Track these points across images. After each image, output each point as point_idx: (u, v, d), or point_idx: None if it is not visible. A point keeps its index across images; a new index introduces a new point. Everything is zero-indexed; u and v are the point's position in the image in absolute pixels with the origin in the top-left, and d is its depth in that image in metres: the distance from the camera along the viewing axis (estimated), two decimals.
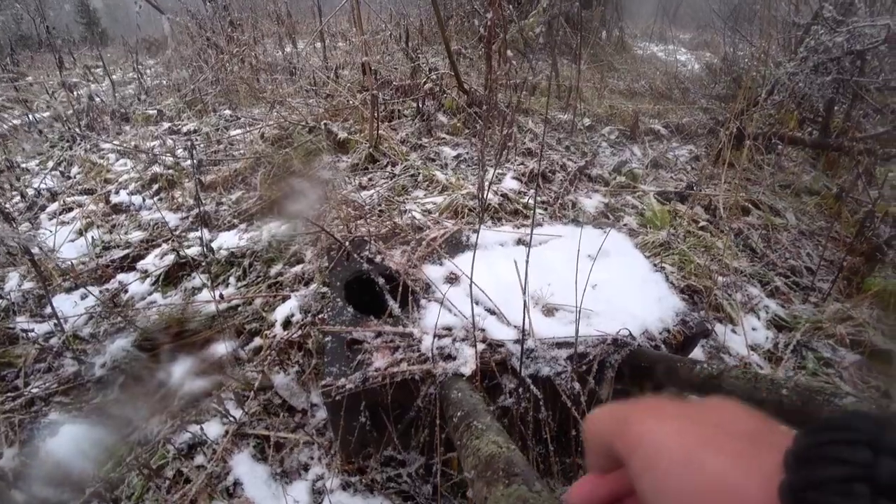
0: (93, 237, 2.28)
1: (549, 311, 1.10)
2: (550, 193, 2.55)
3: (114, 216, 2.53)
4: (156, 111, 3.99)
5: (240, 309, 1.84)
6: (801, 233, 2.52)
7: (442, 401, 0.89)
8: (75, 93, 4.15)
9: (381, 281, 1.11)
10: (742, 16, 5.57)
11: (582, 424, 0.36)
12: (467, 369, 0.90)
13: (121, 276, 2.09)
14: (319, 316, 1.61)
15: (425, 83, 3.07)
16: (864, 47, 2.63)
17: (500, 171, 2.65)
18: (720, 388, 0.80)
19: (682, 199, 2.56)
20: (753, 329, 1.90)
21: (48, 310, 1.82)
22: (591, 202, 2.51)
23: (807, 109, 3.30)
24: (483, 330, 0.99)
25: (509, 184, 2.53)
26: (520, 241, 1.37)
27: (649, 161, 3.14)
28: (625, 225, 2.33)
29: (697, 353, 1.65)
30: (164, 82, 4.83)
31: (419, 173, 2.65)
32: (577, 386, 0.92)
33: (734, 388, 0.77)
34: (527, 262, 0.82)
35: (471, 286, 0.85)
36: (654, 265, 1.38)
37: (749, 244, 2.35)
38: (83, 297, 1.97)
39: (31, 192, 2.73)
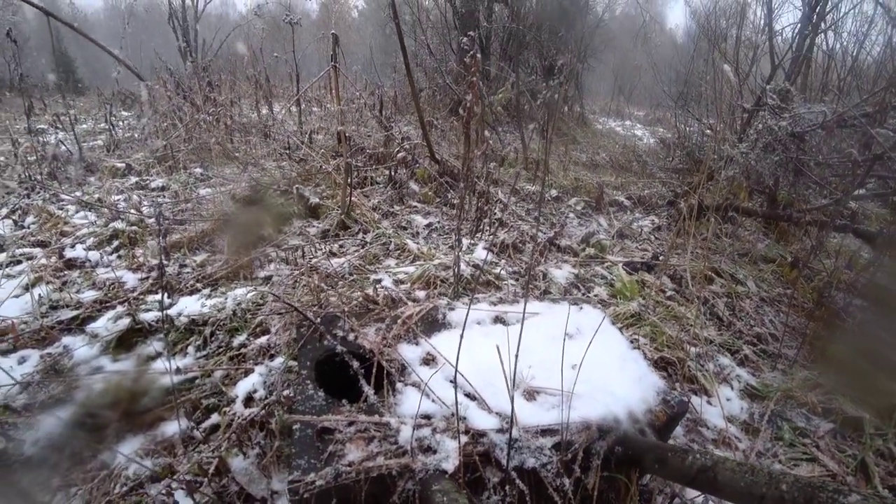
0: (40, 294, 2.10)
1: (531, 394, 1.07)
2: (521, 264, 2.57)
3: (66, 272, 2.36)
4: (124, 164, 3.90)
5: (197, 381, 1.71)
6: (762, 299, 2.61)
7: (423, 502, 0.82)
8: (41, 139, 4.03)
9: (356, 364, 1.05)
10: (690, 97, 6.08)
11: None
12: (450, 465, 0.84)
13: (66, 339, 1.90)
14: (285, 393, 1.51)
15: (398, 152, 3.14)
16: (804, 130, 2.90)
17: (471, 241, 2.67)
18: (716, 482, 0.76)
19: (649, 270, 2.64)
20: (728, 399, 1.89)
21: None
22: (562, 273, 2.54)
23: (755, 182, 3.55)
24: (464, 419, 0.93)
25: (480, 254, 2.55)
26: (497, 319, 1.34)
27: (615, 232, 3.25)
28: (595, 296, 2.36)
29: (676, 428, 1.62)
30: (137, 136, 4.76)
31: (391, 241, 2.64)
32: (566, 482, 0.87)
33: (730, 482, 0.74)
34: (517, 356, 0.79)
35: (455, 376, 0.81)
36: (631, 342, 1.38)
37: (715, 312, 2.40)
38: (21, 362, 1.79)
39: None
